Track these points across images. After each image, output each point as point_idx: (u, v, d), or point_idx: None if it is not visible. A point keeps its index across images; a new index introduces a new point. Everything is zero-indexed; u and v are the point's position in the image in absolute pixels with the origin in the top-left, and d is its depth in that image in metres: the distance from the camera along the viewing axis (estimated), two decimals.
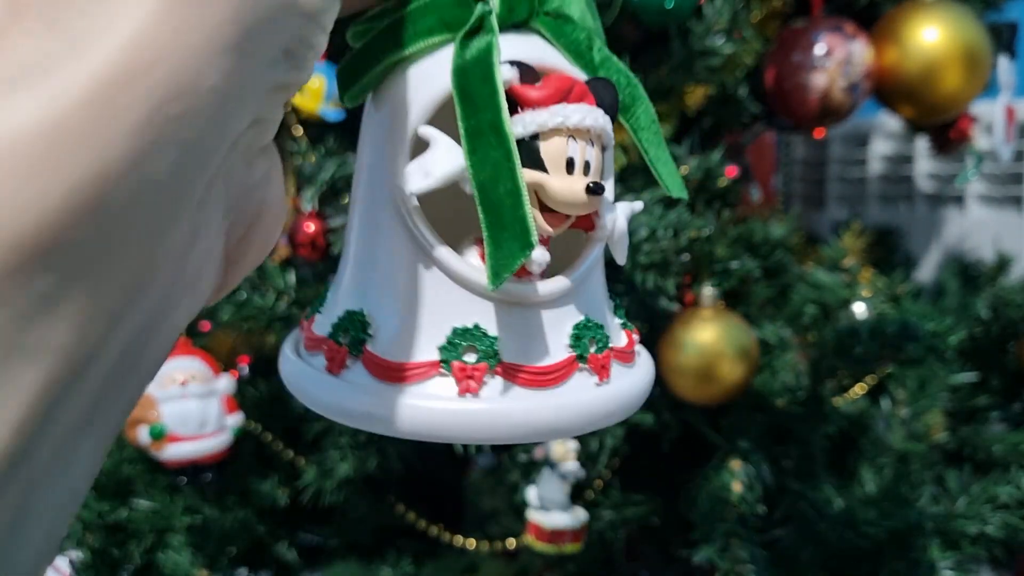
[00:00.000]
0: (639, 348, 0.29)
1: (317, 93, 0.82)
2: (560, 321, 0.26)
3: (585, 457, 0.74)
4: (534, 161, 0.24)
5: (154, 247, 0.18)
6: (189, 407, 0.76)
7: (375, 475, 0.79)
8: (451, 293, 0.25)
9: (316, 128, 0.86)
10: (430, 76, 0.25)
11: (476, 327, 0.25)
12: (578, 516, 0.71)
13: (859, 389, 0.76)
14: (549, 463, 0.70)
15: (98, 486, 0.79)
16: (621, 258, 0.27)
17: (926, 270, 1.19)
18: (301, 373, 0.27)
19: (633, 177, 0.73)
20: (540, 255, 0.25)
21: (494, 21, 0.25)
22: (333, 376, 0.26)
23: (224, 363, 0.84)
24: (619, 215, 0.27)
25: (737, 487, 0.69)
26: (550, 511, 0.71)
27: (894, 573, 0.75)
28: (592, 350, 0.26)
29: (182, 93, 0.17)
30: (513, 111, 0.24)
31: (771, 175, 1.22)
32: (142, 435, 0.76)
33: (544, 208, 0.25)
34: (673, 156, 0.72)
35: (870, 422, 0.82)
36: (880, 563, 0.76)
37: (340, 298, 0.28)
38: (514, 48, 0.25)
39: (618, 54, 0.30)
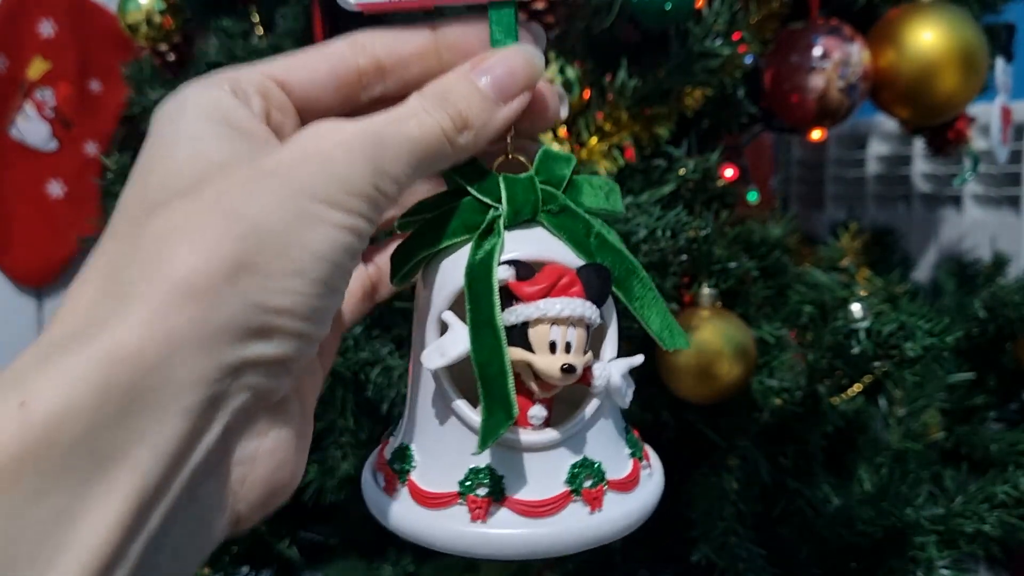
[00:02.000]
0: (646, 471, 0.35)
1: None
2: (559, 461, 0.32)
3: None
4: (524, 343, 0.31)
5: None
6: None
7: None
8: (467, 439, 0.31)
9: None
10: (454, 270, 0.32)
11: (488, 468, 0.32)
12: None
13: (856, 388, 0.76)
14: None
15: None
16: (622, 403, 0.33)
17: (923, 270, 1.20)
18: (369, 487, 0.36)
19: (631, 179, 0.73)
20: (537, 411, 0.31)
21: (501, 225, 0.32)
22: (388, 496, 0.34)
23: None
24: (613, 371, 0.32)
25: (735, 485, 0.70)
26: None
27: (891, 571, 0.75)
28: (587, 485, 0.32)
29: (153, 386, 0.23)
30: (510, 302, 0.31)
31: (769, 176, 1.23)
32: None
33: (538, 377, 0.31)
34: (672, 158, 0.72)
35: (867, 421, 0.82)
36: (878, 561, 0.76)
37: (400, 431, 0.36)
38: (520, 243, 0.32)
39: (617, 56, 0.31)
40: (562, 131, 0.74)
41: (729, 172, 0.79)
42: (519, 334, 0.31)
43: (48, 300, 1.60)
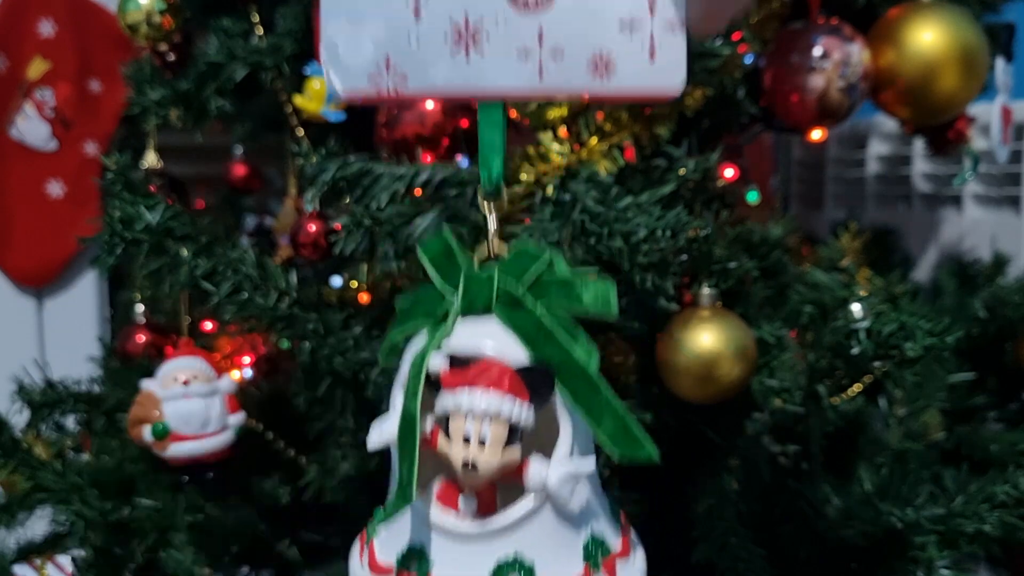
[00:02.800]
0: None
1: (319, 94, 0.83)
2: (486, 554, 0.32)
3: None
4: (447, 433, 0.32)
5: None
6: (192, 406, 0.77)
7: (377, 473, 0.79)
8: (412, 515, 0.33)
9: (318, 129, 0.87)
10: (410, 354, 0.34)
11: (420, 548, 0.33)
12: None
13: (856, 388, 0.76)
14: None
15: (100, 485, 0.79)
16: (566, 508, 0.32)
17: (923, 270, 1.20)
18: (353, 545, 0.37)
19: (631, 179, 0.73)
20: (462, 502, 0.33)
21: (451, 317, 0.33)
22: (358, 555, 0.36)
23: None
24: (551, 474, 0.32)
25: (735, 485, 0.70)
26: None
27: (891, 571, 0.75)
28: None
29: None
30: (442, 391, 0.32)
31: (769, 176, 1.23)
32: (145, 434, 0.77)
33: None
34: (672, 158, 0.72)
35: (868, 421, 0.82)
36: (878, 562, 0.76)
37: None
38: (467, 334, 0.33)
39: None
40: (562, 131, 0.74)
41: (729, 172, 0.79)
42: (445, 424, 0.32)
43: (48, 300, 1.60)
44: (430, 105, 0.82)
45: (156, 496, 0.80)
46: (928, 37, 0.76)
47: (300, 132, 0.87)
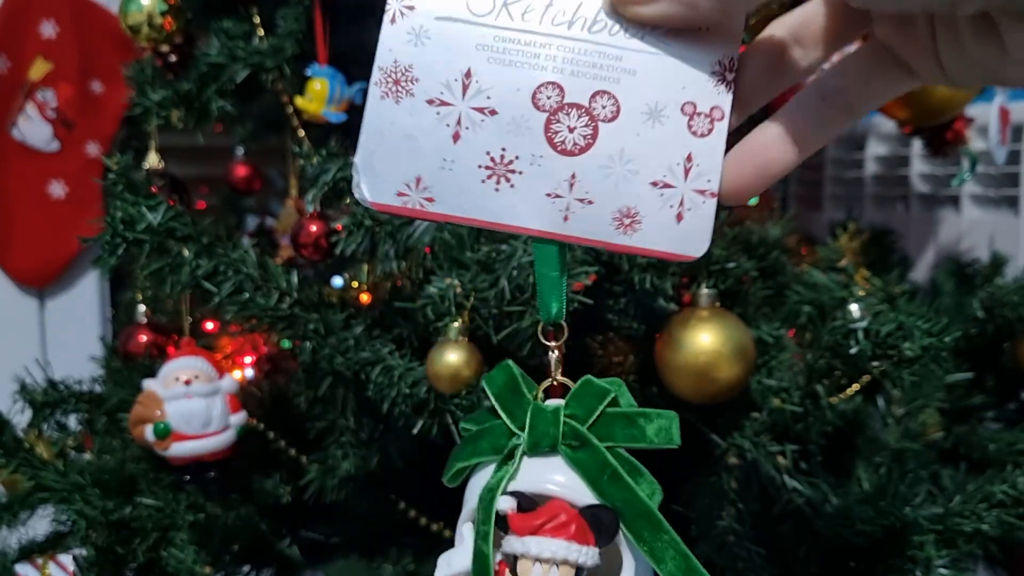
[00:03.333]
0: None
1: (320, 95, 0.83)
2: None
3: None
4: (513, 571, 0.33)
5: None
6: (193, 406, 0.77)
7: (377, 473, 0.80)
8: None
9: (319, 130, 0.87)
10: (477, 487, 0.35)
11: None
12: None
13: (855, 388, 0.76)
14: None
15: (102, 484, 0.80)
16: None
17: (922, 270, 1.20)
18: None
19: None
20: None
21: (519, 454, 0.34)
22: None
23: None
24: None
25: (734, 485, 0.70)
26: None
27: (890, 571, 0.76)
28: None
29: None
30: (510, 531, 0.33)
31: None
32: (147, 433, 0.77)
33: None
34: None
35: (866, 421, 0.82)
36: (876, 560, 0.76)
37: None
38: (533, 473, 0.34)
39: None
40: None
41: None
42: (512, 564, 0.33)
43: (50, 301, 1.60)
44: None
45: (158, 495, 0.80)
46: None
47: (301, 133, 0.87)
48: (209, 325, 0.91)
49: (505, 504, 0.33)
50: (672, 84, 0.34)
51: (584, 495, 0.34)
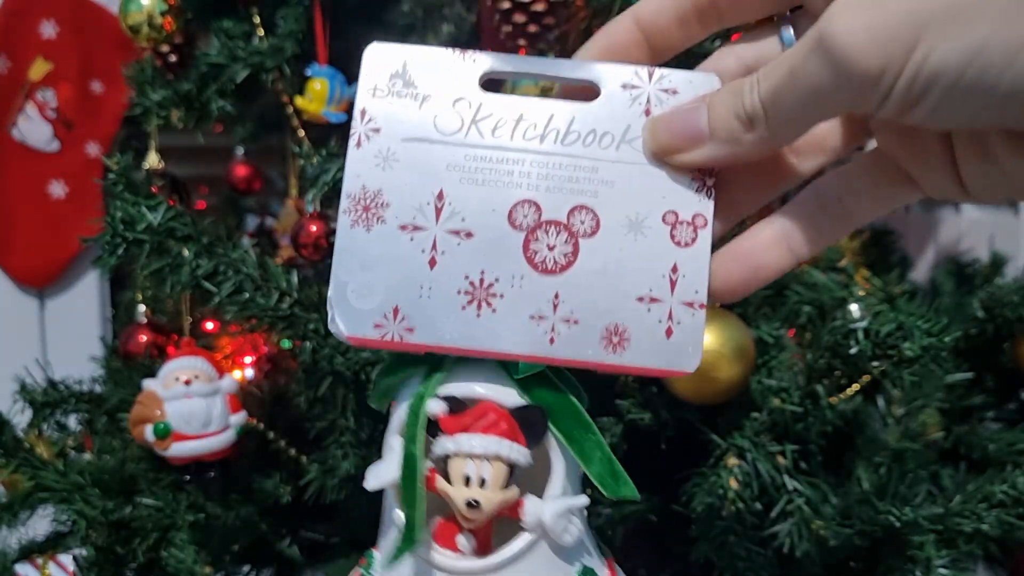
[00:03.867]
0: None
1: (320, 95, 0.83)
2: None
3: None
4: (445, 474, 0.33)
5: None
6: (193, 406, 0.77)
7: None
8: (408, 559, 0.33)
9: (319, 130, 0.87)
10: (405, 399, 0.34)
11: None
12: None
13: (855, 388, 0.76)
14: None
15: (102, 484, 0.80)
16: (561, 542, 0.33)
17: (922, 270, 1.20)
18: None
19: None
20: (462, 540, 0.33)
21: (447, 362, 0.34)
22: None
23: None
24: (546, 510, 0.33)
25: (734, 484, 0.70)
26: None
27: (890, 571, 0.76)
28: None
29: None
30: (439, 435, 0.33)
31: None
32: (147, 433, 0.77)
33: None
34: None
35: (866, 421, 0.82)
36: (876, 560, 0.76)
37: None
38: (463, 378, 0.34)
39: None
40: None
41: None
42: (443, 464, 0.33)
43: (50, 301, 1.60)
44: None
45: (158, 495, 0.80)
46: None
47: (301, 133, 0.87)
48: (209, 325, 0.91)
49: (435, 407, 0.33)
50: (652, 194, 0.33)
51: (513, 398, 0.33)
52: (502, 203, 0.33)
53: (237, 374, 0.85)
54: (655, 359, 0.33)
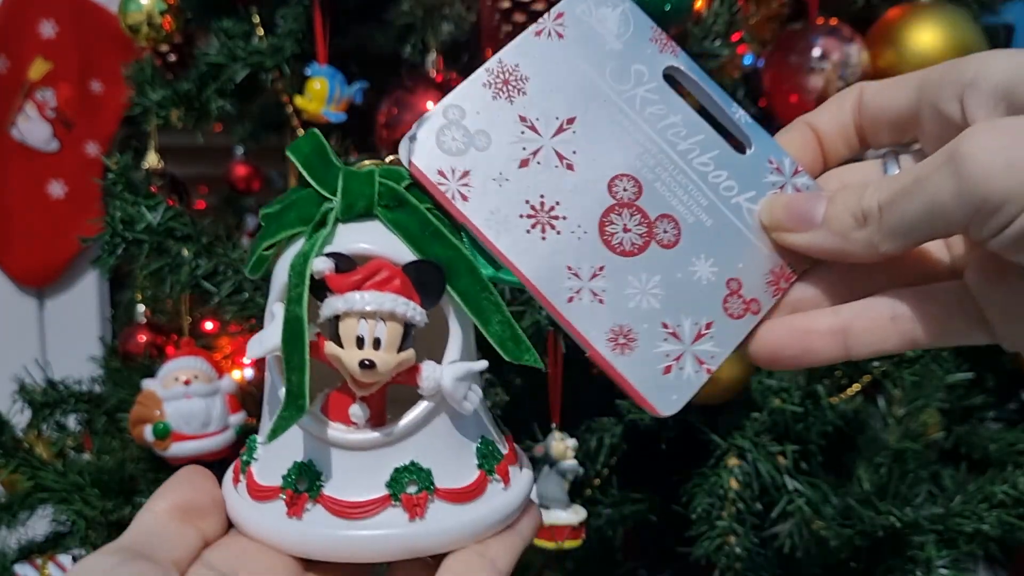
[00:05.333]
0: (496, 485, 0.33)
1: (320, 95, 0.83)
2: (382, 463, 0.31)
3: (584, 455, 0.75)
4: (335, 338, 0.30)
5: None
6: (193, 406, 0.77)
7: None
8: (295, 432, 0.31)
9: (318, 129, 0.87)
10: (286, 261, 0.32)
11: (308, 463, 0.31)
12: (577, 513, 0.72)
13: (855, 388, 0.76)
14: (549, 461, 0.71)
15: (102, 484, 0.80)
16: (460, 409, 0.32)
17: None
18: (225, 479, 0.35)
19: None
20: (356, 410, 0.31)
21: (331, 218, 0.32)
22: (233, 487, 0.34)
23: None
24: (445, 374, 0.31)
25: (734, 484, 0.70)
26: (550, 508, 0.72)
27: (890, 571, 0.76)
28: (410, 490, 0.31)
29: None
30: (327, 295, 0.30)
31: None
32: (146, 433, 0.77)
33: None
34: None
35: (866, 421, 0.82)
36: (877, 561, 0.76)
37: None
38: (349, 236, 0.32)
39: None
40: None
41: None
42: (332, 328, 0.30)
43: (49, 300, 1.60)
44: (430, 106, 0.82)
45: None
46: (926, 38, 0.76)
47: (301, 132, 0.87)
48: (209, 325, 0.91)
49: (321, 264, 0.30)
50: (733, 255, 0.34)
51: (406, 254, 0.31)
52: (614, 163, 0.34)
53: (237, 374, 0.85)
54: (642, 383, 0.33)
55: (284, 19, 0.86)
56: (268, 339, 0.31)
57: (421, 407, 0.31)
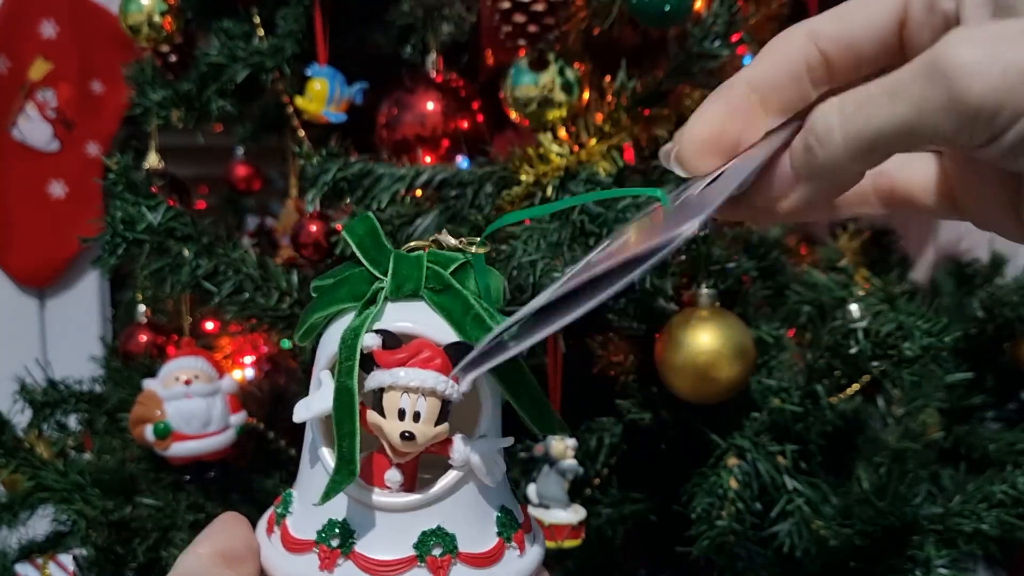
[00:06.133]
0: (512, 551, 0.35)
1: (320, 96, 0.83)
2: (411, 525, 0.33)
3: (584, 455, 0.75)
4: (379, 408, 0.33)
5: None
6: (193, 406, 0.77)
7: None
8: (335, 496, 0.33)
9: (319, 130, 0.87)
10: (336, 334, 0.34)
11: (343, 521, 0.33)
12: (577, 513, 0.72)
13: (855, 388, 0.77)
14: (549, 460, 0.71)
15: (102, 484, 0.80)
16: (486, 481, 0.34)
17: (921, 270, 1.20)
18: (259, 528, 0.37)
19: (630, 180, 0.73)
20: (392, 475, 0.33)
21: (382, 297, 0.34)
22: (267, 537, 0.36)
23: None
24: (474, 449, 0.33)
25: (734, 484, 0.70)
26: (550, 508, 0.72)
27: (890, 570, 0.76)
28: (435, 553, 0.33)
29: None
30: (374, 369, 0.33)
31: None
32: (147, 433, 0.77)
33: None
34: None
35: (866, 421, 0.82)
36: (876, 561, 0.76)
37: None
38: (397, 315, 0.34)
39: (616, 57, 0.32)
40: (562, 132, 0.74)
41: None
42: (377, 399, 0.33)
43: (50, 300, 1.60)
44: (430, 106, 0.83)
45: (158, 495, 0.80)
46: None
47: (301, 133, 0.87)
48: (209, 325, 0.91)
49: (371, 340, 0.33)
50: None
51: (448, 335, 0.34)
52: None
53: (237, 374, 0.85)
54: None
55: (284, 19, 0.86)
56: (316, 405, 0.33)
57: (450, 476, 0.34)
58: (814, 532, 0.73)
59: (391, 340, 0.33)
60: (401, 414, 0.32)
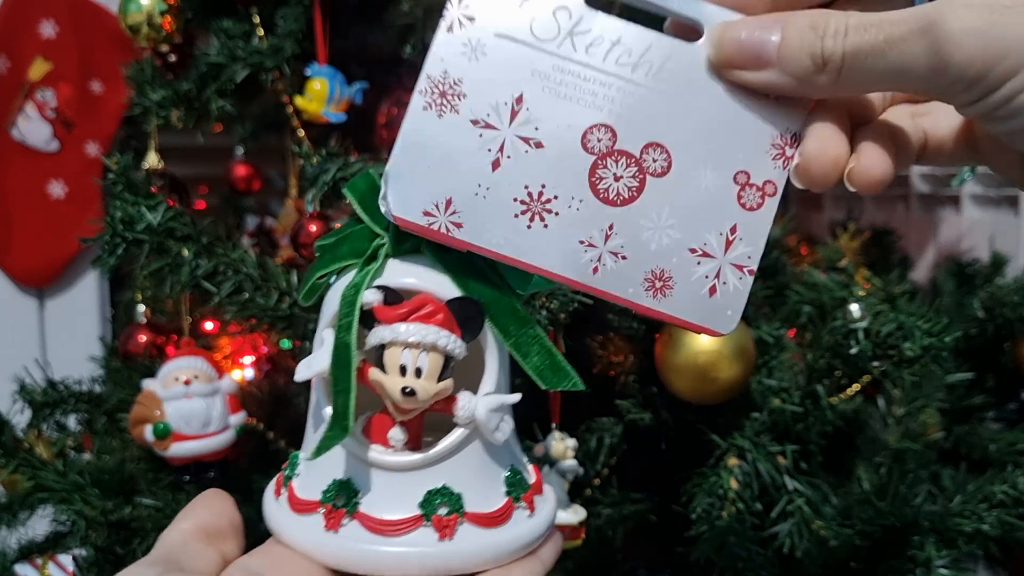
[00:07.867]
0: (522, 511, 0.35)
1: (320, 95, 0.83)
2: (416, 484, 0.33)
3: (584, 455, 0.75)
4: (380, 364, 0.32)
5: None
6: (193, 406, 0.77)
7: None
8: (336, 452, 0.33)
9: (318, 129, 0.87)
10: (337, 291, 0.34)
11: (348, 481, 0.33)
12: (577, 513, 0.72)
13: (855, 388, 0.77)
14: (549, 460, 0.71)
15: (102, 484, 0.80)
16: (491, 439, 0.33)
17: (922, 270, 1.20)
18: (267, 489, 0.37)
19: None
20: (395, 433, 0.33)
21: (382, 253, 0.34)
22: (275, 499, 0.36)
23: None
24: (479, 405, 0.33)
25: (734, 484, 0.70)
26: None
27: (890, 571, 0.76)
28: (440, 512, 0.33)
29: None
30: (375, 325, 0.32)
31: None
32: (147, 434, 0.77)
33: None
34: None
35: (866, 421, 0.82)
36: (876, 561, 0.76)
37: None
38: (399, 271, 0.34)
39: None
40: None
41: None
42: (378, 356, 0.32)
43: (49, 300, 1.60)
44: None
45: (157, 495, 0.80)
46: None
47: (301, 133, 0.87)
48: (209, 325, 0.91)
49: (371, 296, 0.32)
50: (729, 150, 0.33)
51: (450, 290, 0.33)
52: (579, 122, 0.32)
53: (237, 374, 0.85)
54: (693, 313, 0.33)
55: (284, 19, 0.86)
56: (316, 363, 0.33)
57: (456, 434, 0.33)
58: (814, 532, 0.73)
59: (392, 296, 0.33)
60: (402, 370, 0.32)
